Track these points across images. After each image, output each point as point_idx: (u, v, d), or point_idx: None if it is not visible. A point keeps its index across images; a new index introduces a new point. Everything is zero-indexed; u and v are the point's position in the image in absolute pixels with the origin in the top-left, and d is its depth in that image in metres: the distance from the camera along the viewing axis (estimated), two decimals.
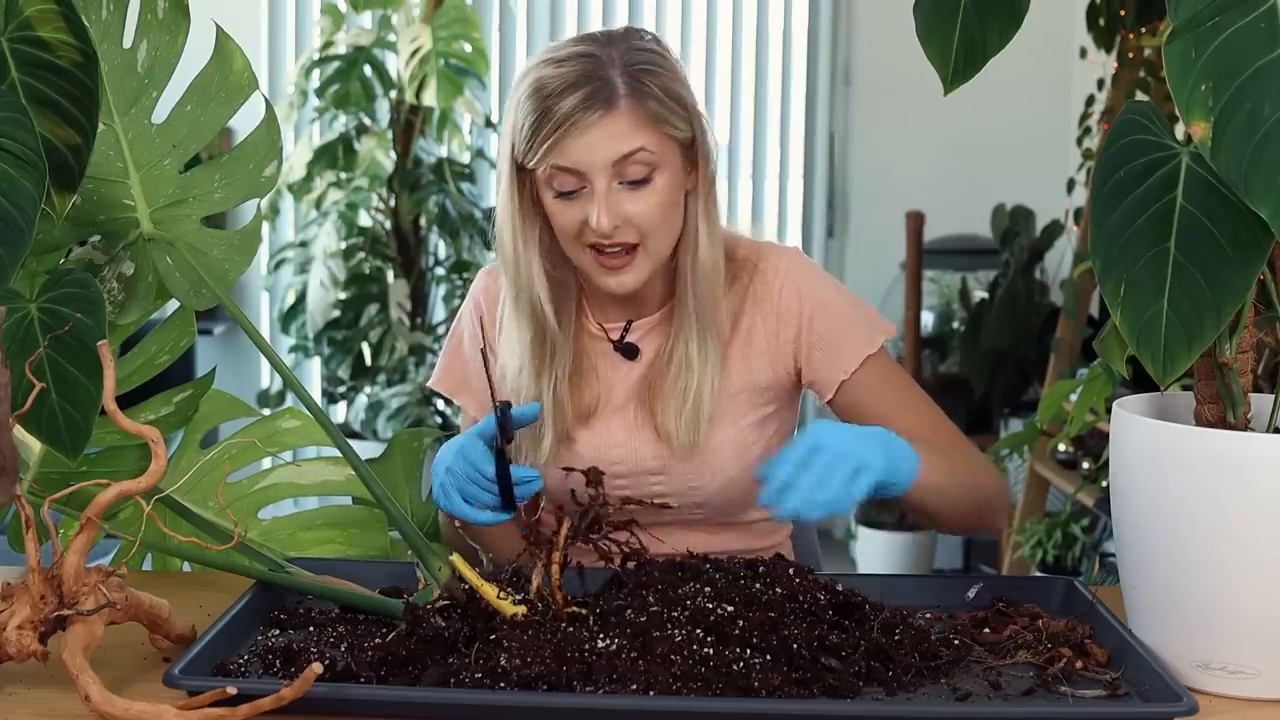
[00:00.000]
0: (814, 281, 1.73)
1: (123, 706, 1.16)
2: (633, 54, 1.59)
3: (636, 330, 1.74)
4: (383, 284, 4.38)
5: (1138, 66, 3.67)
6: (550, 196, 1.60)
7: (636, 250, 1.61)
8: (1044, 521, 3.89)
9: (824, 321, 1.71)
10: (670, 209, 1.62)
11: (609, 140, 1.56)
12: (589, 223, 1.58)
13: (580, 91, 1.55)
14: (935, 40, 1.37)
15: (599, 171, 1.57)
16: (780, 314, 1.71)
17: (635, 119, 1.57)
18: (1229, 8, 1.16)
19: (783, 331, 1.71)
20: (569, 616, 1.31)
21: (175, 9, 1.57)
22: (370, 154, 4.30)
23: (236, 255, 1.64)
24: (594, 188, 1.57)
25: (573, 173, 1.57)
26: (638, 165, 1.57)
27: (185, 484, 1.68)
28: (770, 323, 1.71)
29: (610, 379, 1.74)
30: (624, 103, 1.56)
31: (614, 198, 1.58)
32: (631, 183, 1.58)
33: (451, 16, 4.26)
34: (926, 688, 1.28)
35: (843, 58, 5.06)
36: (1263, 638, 1.27)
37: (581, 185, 1.58)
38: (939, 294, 4.86)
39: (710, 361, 1.68)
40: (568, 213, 1.60)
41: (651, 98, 1.57)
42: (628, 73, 1.57)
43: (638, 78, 1.57)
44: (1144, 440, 1.30)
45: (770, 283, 1.72)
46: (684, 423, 1.68)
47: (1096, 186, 1.28)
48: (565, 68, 1.57)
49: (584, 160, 1.56)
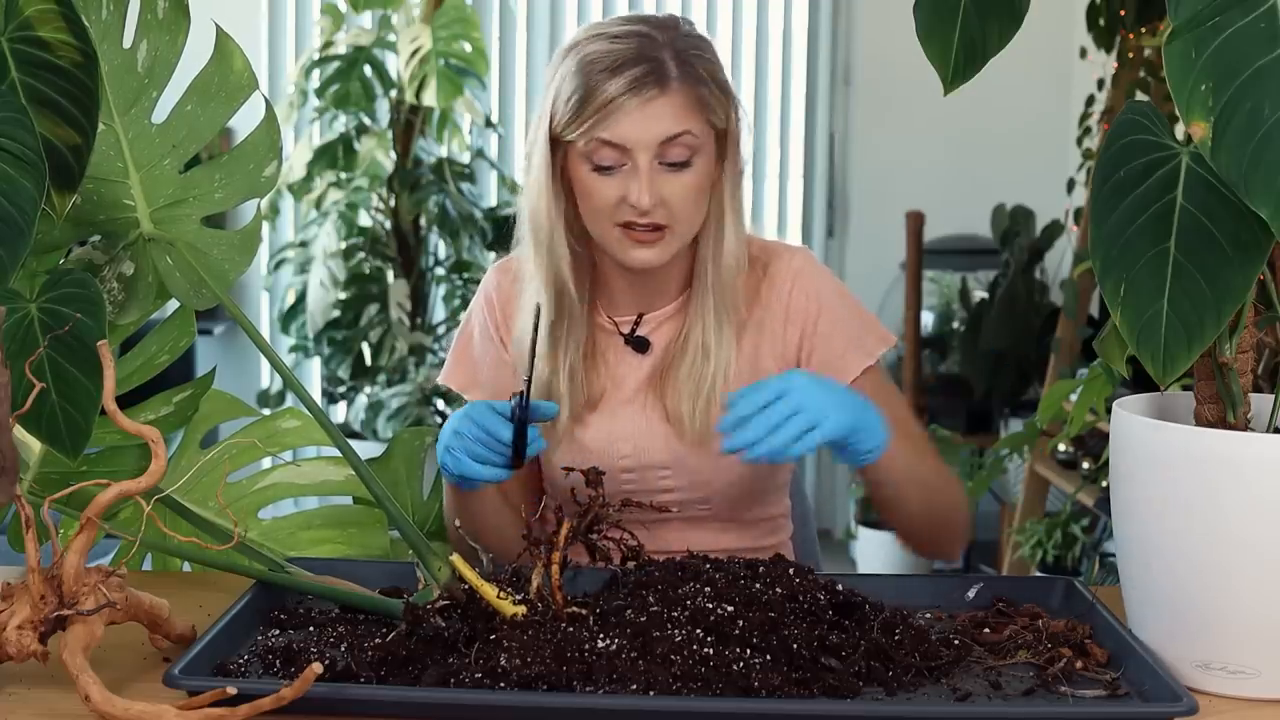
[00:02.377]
0: (822, 284, 1.74)
1: (123, 706, 1.16)
2: (683, 39, 1.63)
3: (648, 324, 1.74)
4: (383, 284, 4.38)
5: (1138, 66, 3.68)
6: (587, 170, 1.62)
7: (665, 231, 1.62)
8: (1044, 521, 3.89)
9: (828, 326, 1.72)
10: (702, 195, 1.64)
11: (659, 120, 1.58)
12: (627, 199, 1.59)
13: (636, 69, 1.58)
14: (935, 40, 1.37)
15: (644, 149, 1.59)
16: (789, 313, 1.72)
17: (685, 102, 1.59)
18: (1229, 8, 1.16)
19: (789, 331, 1.72)
20: (569, 616, 1.31)
21: (175, 9, 1.57)
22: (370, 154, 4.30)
23: (236, 255, 1.64)
24: (637, 165, 1.59)
25: (617, 148, 1.59)
26: (681, 148, 1.60)
27: (185, 484, 1.68)
28: (779, 321, 1.72)
29: (619, 372, 1.74)
30: (676, 84, 1.59)
31: (655, 177, 1.60)
32: (672, 164, 1.60)
33: (451, 16, 4.26)
34: (926, 688, 1.28)
35: (843, 58, 5.06)
36: (1263, 638, 1.27)
37: (623, 162, 1.60)
38: (939, 294, 4.86)
39: (726, 349, 1.69)
40: (604, 188, 1.61)
41: (702, 83, 1.61)
42: (680, 56, 1.60)
43: (690, 62, 1.61)
44: (1144, 440, 1.30)
45: (780, 282, 1.73)
46: (698, 409, 1.68)
47: (1096, 186, 1.28)
48: (620, 44, 1.60)
49: (631, 137, 1.58)
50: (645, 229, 1.62)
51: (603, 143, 1.59)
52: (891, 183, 4.96)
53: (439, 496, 1.88)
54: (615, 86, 1.57)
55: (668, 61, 1.59)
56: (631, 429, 1.72)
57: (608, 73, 1.58)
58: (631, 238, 1.62)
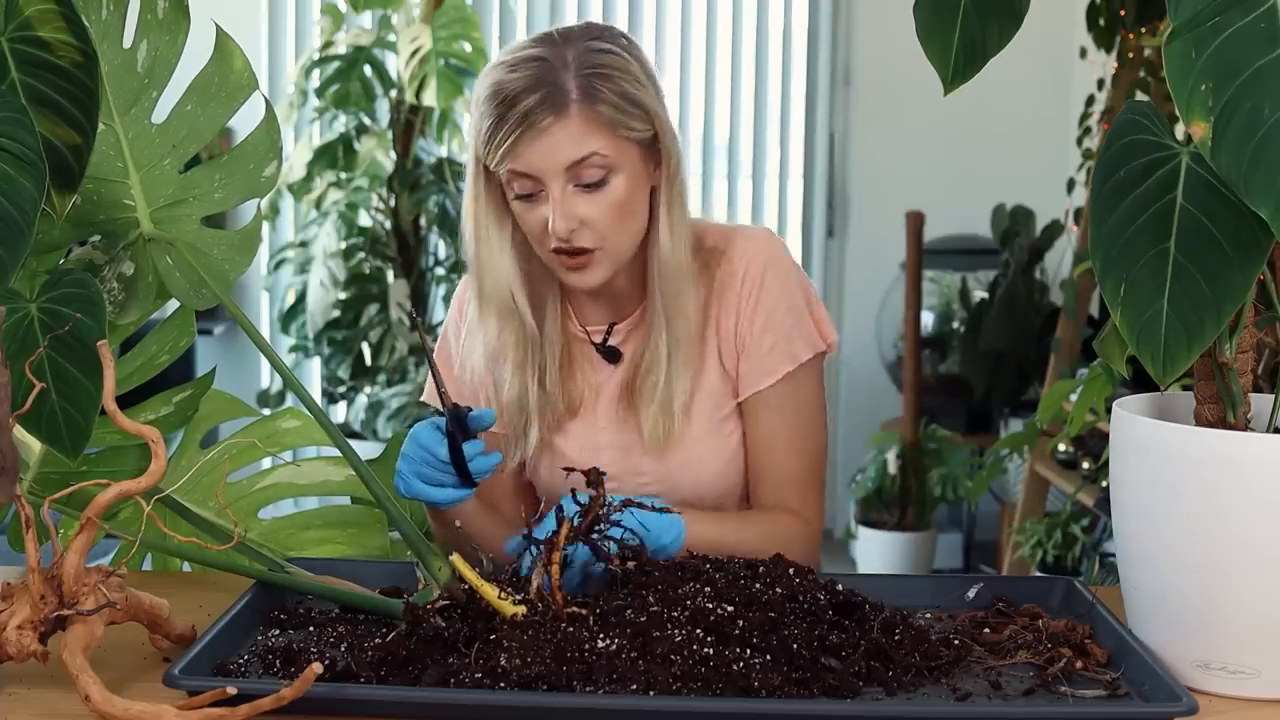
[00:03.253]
0: (770, 274, 1.70)
1: (123, 706, 1.16)
2: (587, 55, 1.58)
3: (618, 334, 1.74)
4: (383, 284, 4.38)
5: (1138, 66, 3.68)
6: (513, 198, 1.62)
7: (593, 253, 1.61)
8: (1044, 521, 3.89)
9: (762, 322, 1.69)
10: (627, 210, 1.61)
11: (561, 145, 1.56)
12: (547, 228, 1.58)
13: (532, 97, 1.55)
14: (935, 40, 1.37)
15: (553, 176, 1.57)
16: (738, 302, 1.70)
17: (587, 123, 1.56)
18: (1229, 8, 1.16)
19: (732, 322, 1.70)
20: (569, 616, 1.31)
21: (175, 9, 1.57)
22: (370, 154, 4.30)
23: (236, 255, 1.64)
24: (549, 192, 1.58)
25: (528, 177, 1.58)
26: (592, 169, 1.57)
27: (185, 484, 1.68)
28: (731, 310, 1.71)
29: (595, 380, 1.74)
30: (575, 108, 1.56)
31: (569, 201, 1.58)
32: (587, 186, 1.58)
33: (451, 16, 4.26)
34: (926, 688, 1.28)
35: (843, 58, 5.06)
36: (1263, 638, 1.26)
37: (538, 189, 1.59)
38: (939, 294, 4.86)
39: (678, 359, 1.67)
40: (529, 215, 1.61)
41: (604, 102, 1.57)
42: (580, 76, 1.56)
43: (590, 81, 1.56)
44: (1144, 440, 1.30)
45: (734, 269, 1.71)
46: (654, 420, 1.67)
47: (1096, 186, 1.28)
48: (518, 72, 1.57)
49: (537, 165, 1.57)
50: (572, 254, 1.60)
51: (515, 173, 1.58)
52: (891, 183, 4.96)
53: None
54: (513, 119, 1.55)
55: (567, 84, 1.56)
56: (610, 437, 1.72)
57: (505, 104, 1.56)
58: (563, 264, 1.62)
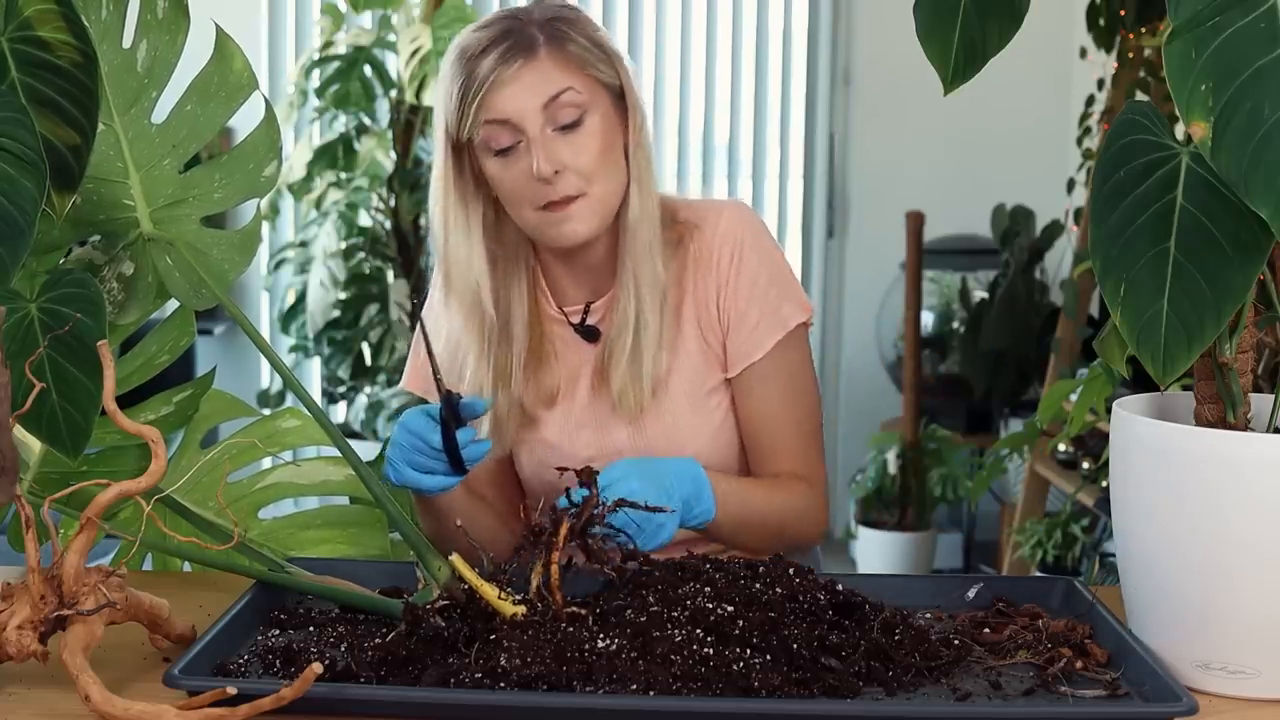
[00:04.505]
0: (746, 247, 1.71)
1: (123, 706, 1.16)
2: (549, 11, 1.64)
3: (595, 312, 1.73)
4: (383, 284, 4.38)
5: (1138, 66, 3.68)
6: (490, 161, 1.62)
7: (582, 198, 1.61)
8: (1044, 521, 3.89)
9: (746, 295, 1.70)
10: (608, 153, 1.63)
11: (534, 85, 1.59)
12: (531, 172, 1.59)
13: (501, 46, 1.59)
14: (935, 40, 1.37)
15: (529, 118, 1.59)
16: (715, 278, 1.71)
17: (556, 62, 1.60)
18: (1229, 8, 1.16)
19: (712, 297, 1.71)
20: (569, 616, 1.31)
21: (175, 9, 1.57)
22: (370, 154, 4.30)
23: (236, 255, 1.64)
24: (529, 137, 1.59)
25: (506, 125, 1.60)
26: (567, 108, 1.60)
27: (185, 484, 1.68)
28: (710, 284, 1.71)
29: (571, 362, 1.73)
30: (544, 49, 1.60)
31: (550, 144, 1.59)
32: (564, 127, 1.60)
33: (451, 16, 4.26)
34: (926, 688, 1.28)
35: (843, 58, 5.06)
36: (1263, 638, 1.27)
37: (517, 139, 1.60)
38: (939, 294, 4.86)
39: (648, 319, 1.67)
40: (509, 171, 1.61)
41: (571, 41, 1.62)
42: (546, 25, 1.62)
43: (555, 26, 1.62)
44: (1144, 440, 1.30)
45: (709, 243, 1.71)
46: (628, 379, 1.67)
47: (1096, 186, 1.28)
48: (484, 31, 1.62)
49: (512, 109, 1.59)
50: (559, 204, 1.61)
51: (491, 124, 1.60)
52: (891, 183, 4.96)
53: None
54: (485, 66, 1.59)
55: (533, 33, 1.61)
56: (588, 417, 1.71)
57: (477, 57, 1.59)
58: (553, 213, 1.61)
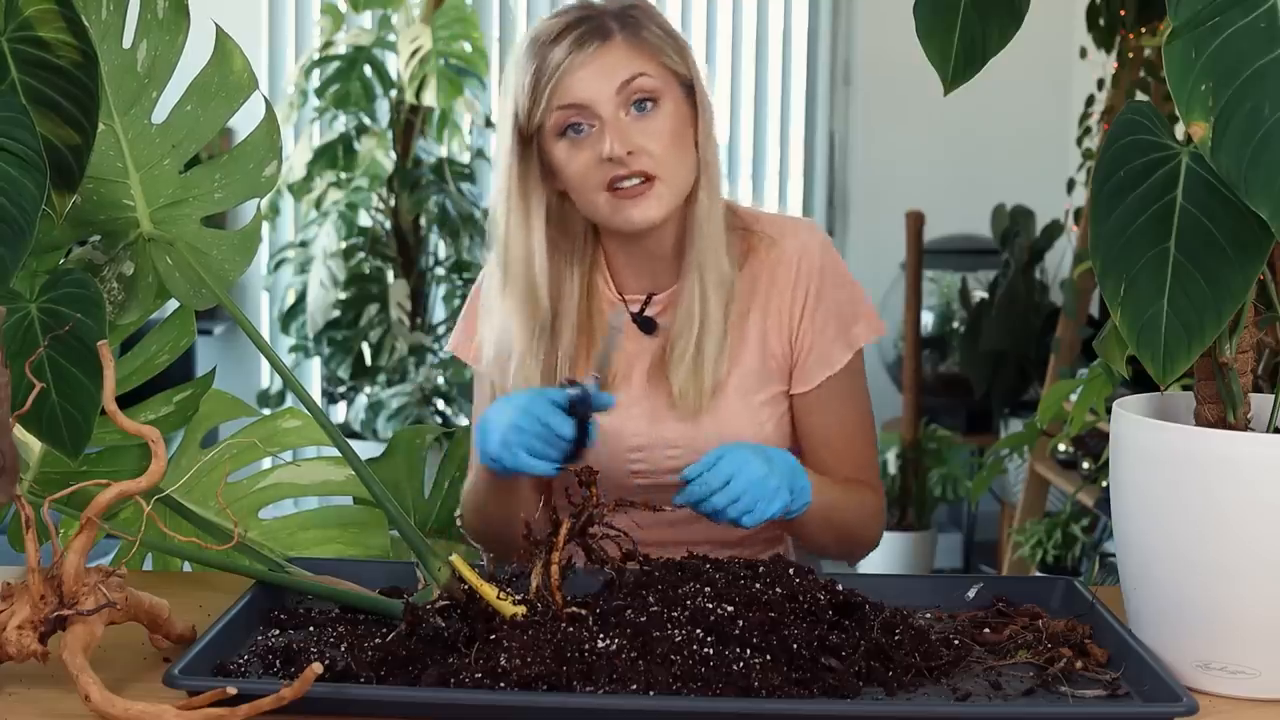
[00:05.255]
0: (826, 265, 1.73)
1: (123, 706, 1.16)
2: (623, 3, 1.66)
3: (656, 305, 1.74)
4: (383, 284, 4.38)
5: (1138, 66, 3.68)
6: (561, 147, 1.63)
7: (654, 181, 1.62)
8: (1044, 521, 3.89)
9: (824, 313, 1.72)
10: (679, 139, 1.64)
11: (608, 69, 1.61)
12: (603, 154, 1.59)
13: (575, 32, 1.62)
14: (935, 40, 1.37)
15: (604, 101, 1.61)
16: (793, 294, 1.72)
17: (631, 47, 1.63)
18: (1229, 8, 1.16)
19: (793, 312, 1.72)
20: (569, 616, 1.31)
21: (175, 9, 1.57)
22: (370, 154, 4.30)
23: (236, 255, 1.64)
24: (603, 120, 1.61)
25: (580, 109, 1.61)
26: (641, 92, 1.62)
27: (185, 484, 1.68)
28: (785, 299, 1.72)
29: (629, 351, 1.73)
30: (619, 35, 1.63)
31: (623, 126, 1.61)
32: (638, 108, 1.62)
33: (451, 16, 4.26)
34: (926, 688, 1.28)
35: (843, 57, 5.06)
36: (1263, 638, 1.27)
37: (591, 123, 1.61)
38: (939, 294, 4.86)
39: (713, 319, 1.68)
40: (579, 156, 1.62)
41: (644, 29, 1.64)
42: (620, 14, 1.64)
43: (629, 15, 1.65)
44: (1144, 440, 1.30)
45: (789, 259, 1.73)
46: (689, 377, 1.67)
47: (1096, 186, 1.28)
48: (558, 19, 1.64)
49: (588, 93, 1.60)
50: (632, 183, 1.61)
51: (564, 109, 1.61)
52: (891, 183, 4.96)
53: (439, 496, 1.88)
54: (560, 51, 1.60)
55: (607, 20, 1.63)
56: (641, 409, 1.71)
57: (551, 43, 1.61)
58: (621, 196, 1.62)
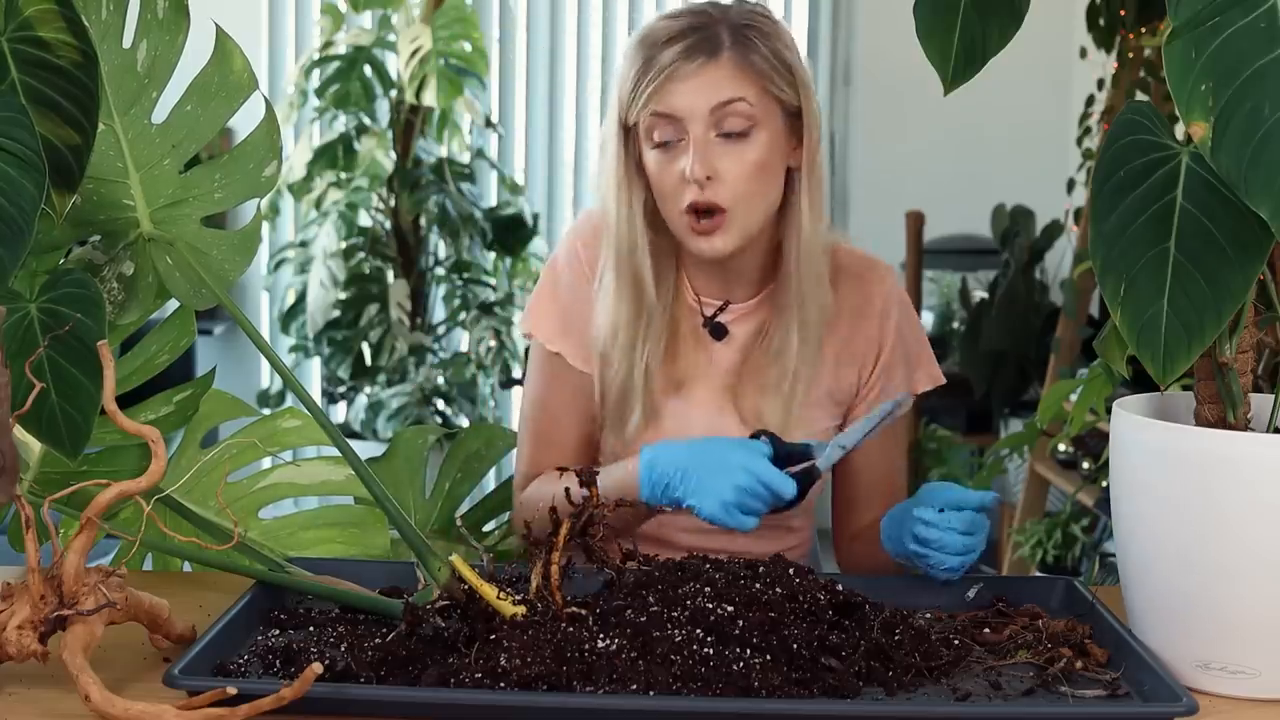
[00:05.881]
0: (903, 312, 1.74)
1: (123, 706, 1.16)
2: (741, 14, 1.61)
3: (731, 313, 1.72)
4: (383, 284, 4.38)
5: (1138, 66, 3.68)
6: (650, 150, 1.61)
7: (723, 216, 1.59)
8: (1044, 521, 3.89)
9: (896, 359, 1.72)
10: (766, 173, 1.60)
11: (708, 87, 1.57)
12: (684, 173, 1.57)
13: (686, 40, 1.57)
14: (935, 40, 1.37)
15: (696, 119, 1.57)
16: (879, 333, 1.71)
17: (737, 69, 1.58)
18: (1229, 8, 1.16)
19: (871, 351, 1.71)
20: (569, 616, 1.31)
21: (175, 9, 1.57)
22: (370, 154, 4.30)
23: (236, 255, 1.64)
24: (691, 136, 1.57)
25: (671, 120, 1.58)
26: (736, 118, 1.58)
27: (185, 484, 1.68)
28: (863, 338, 1.71)
29: (699, 358, 1.71)
30: (727, 53, 1.58)
31: (709, 148, 1.58)
32: (728, 136, 1.58)
33: (451, 16, 4.26)
34: (926, 688, 1.28)
35: (843, 58, 5.06)
36: (1263, 638, 1.27)
37: (680, 136, 1.58)
38: (939, 294, 4.86)
39: (808, 349, 1.66)
40: (665, 167, 1.60)
41: (755, 52, 1.59)
42: (735, 29, 1.59)
43: (744, 33, 1.59)
44: (1144, 440, 1.30)
45: (873, 299, 1.72)
46: (773, 410, 1.66)
47: (1096, 186, 1.28)
48: (677, 20, 1.60)
49: (683, 106, 1.57)
50: (704, 216, 1.58)
51: (658, 116, 1.58)
52: (891, 183, 4.96)
53: (440, 496, 1.87)
54: (668, 55, 1.57)
55: (721, 32, 1.58)
56: (706, 419, 1.70)
57: (661, 45, 1.58)
58: (693, 226, 1.60)
